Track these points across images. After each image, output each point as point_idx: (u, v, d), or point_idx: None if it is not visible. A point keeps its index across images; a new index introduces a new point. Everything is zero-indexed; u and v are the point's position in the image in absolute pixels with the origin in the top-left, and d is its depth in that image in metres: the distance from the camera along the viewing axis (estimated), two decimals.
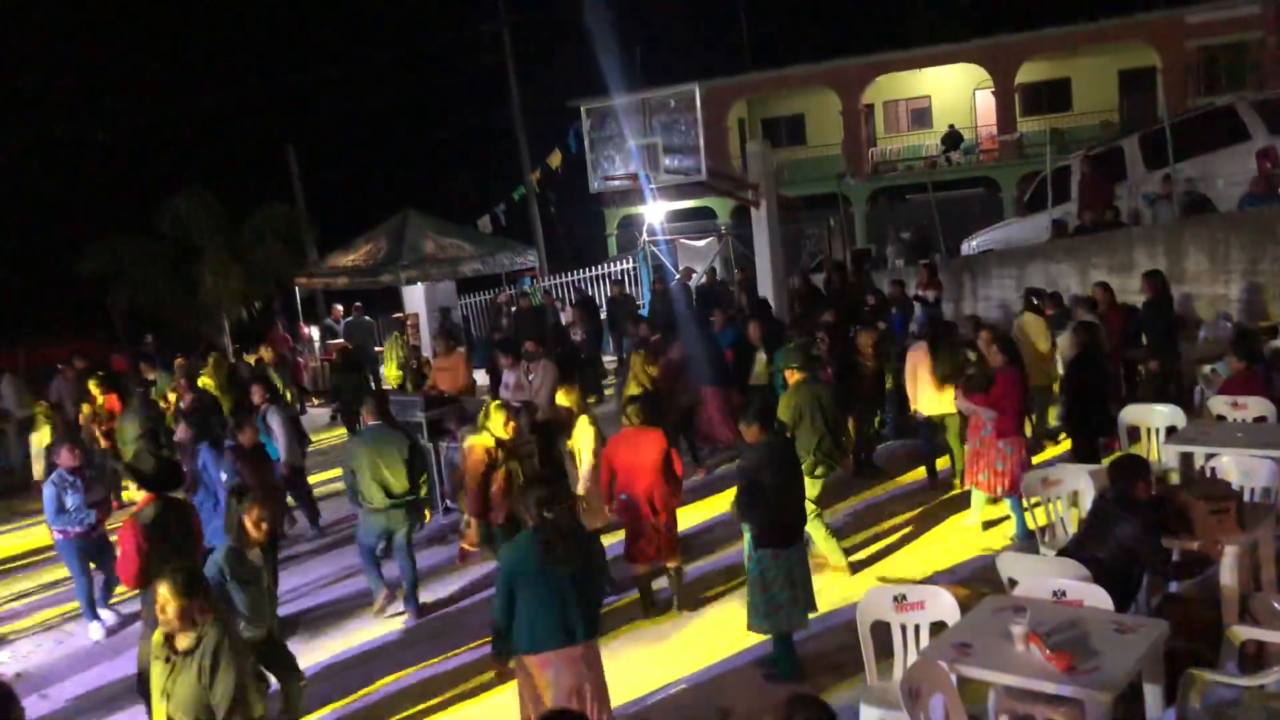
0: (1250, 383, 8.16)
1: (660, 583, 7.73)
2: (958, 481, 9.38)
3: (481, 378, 14.18)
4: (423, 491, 8.15)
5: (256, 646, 5.66)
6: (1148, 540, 5.27)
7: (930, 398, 9.47)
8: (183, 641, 4.44)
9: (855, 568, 7.97)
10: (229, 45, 40.83)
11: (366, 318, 19.27)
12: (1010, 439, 8.20)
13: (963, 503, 9.00)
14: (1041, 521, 6.85)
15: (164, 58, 37.65)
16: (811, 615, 6.47)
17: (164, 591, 4.38)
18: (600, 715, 5.24)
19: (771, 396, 8.95)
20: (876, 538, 8.76)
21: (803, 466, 6.99)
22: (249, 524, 5.70)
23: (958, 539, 8.49)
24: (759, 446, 6.37)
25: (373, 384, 15.76)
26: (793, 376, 8.18)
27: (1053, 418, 10.73)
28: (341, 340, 18.31)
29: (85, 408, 13.07)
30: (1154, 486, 5.66)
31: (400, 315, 19.02)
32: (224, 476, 8.13)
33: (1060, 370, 10.27)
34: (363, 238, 18.07)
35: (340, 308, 19.96)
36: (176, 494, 7.17)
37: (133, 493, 8.03)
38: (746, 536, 6.49)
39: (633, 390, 10.08)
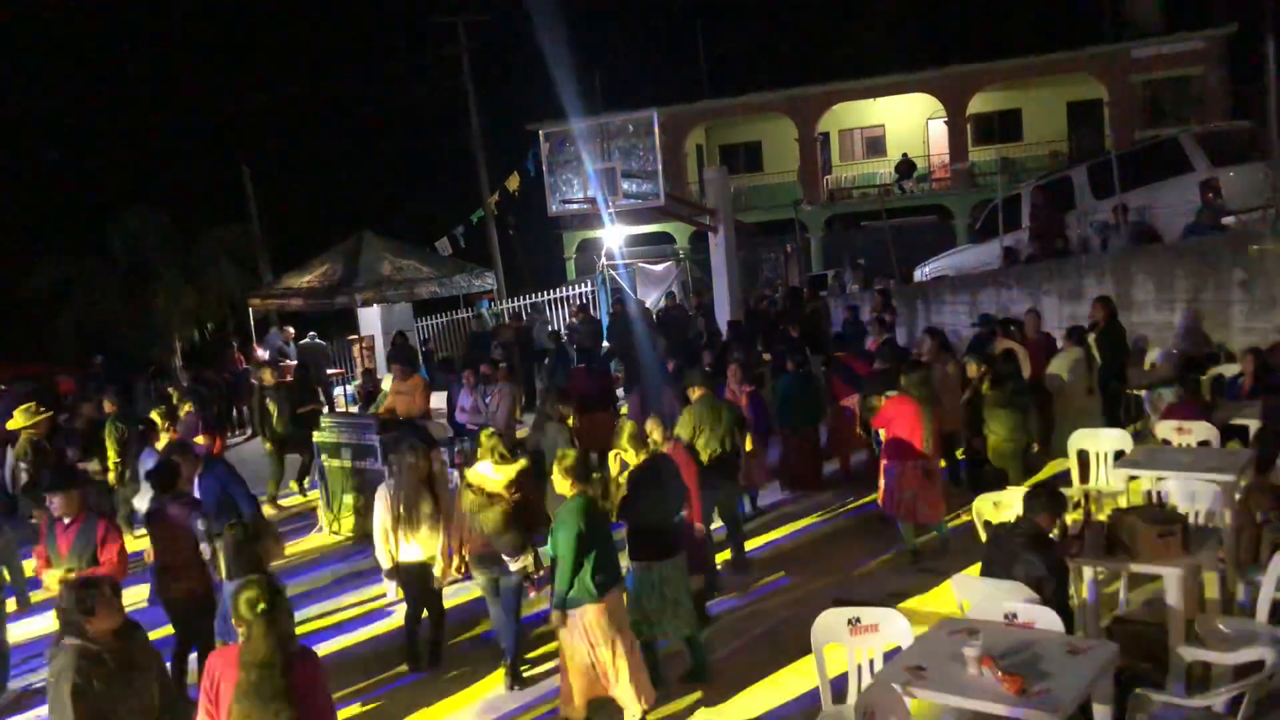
0: (1195, 408, 8.35)
1: None
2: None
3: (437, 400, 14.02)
4: None
5: None
6: (1050, 582, 5.20)
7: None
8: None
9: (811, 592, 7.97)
10: (184, 64, 40.42)
11: (319, 340, 19.06)
12: (894, 463, 8.35)
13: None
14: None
15: (117, 76, 37.14)
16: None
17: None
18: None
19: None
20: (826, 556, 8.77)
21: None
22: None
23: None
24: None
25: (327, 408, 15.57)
26: (695, 392, 8.58)
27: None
28: (293, 362, 18.09)
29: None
30: (1058, 521, 5.63)
31: (355, 337, 18.89)
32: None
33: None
34: (318, 259, 17.93)
35: (292, 330, 19.75)
36: None
37: None
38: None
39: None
